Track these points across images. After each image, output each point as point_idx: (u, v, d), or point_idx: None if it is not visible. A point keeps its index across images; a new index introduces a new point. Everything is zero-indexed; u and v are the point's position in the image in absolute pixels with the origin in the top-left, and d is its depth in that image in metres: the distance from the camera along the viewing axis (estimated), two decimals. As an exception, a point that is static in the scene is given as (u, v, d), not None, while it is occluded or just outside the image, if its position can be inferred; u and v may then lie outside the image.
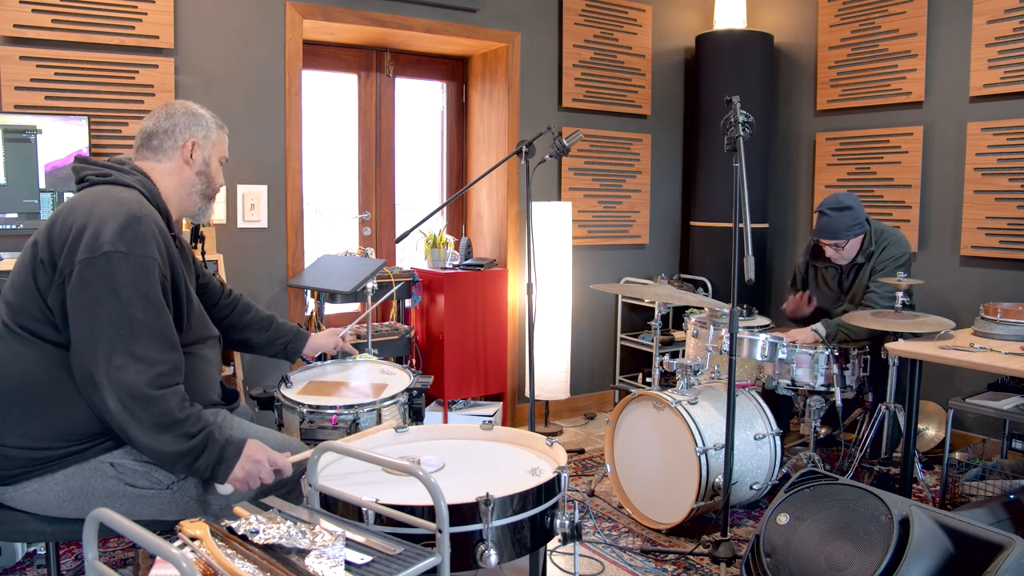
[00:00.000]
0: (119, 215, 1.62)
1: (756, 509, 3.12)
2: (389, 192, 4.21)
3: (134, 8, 3.09)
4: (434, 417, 3.88)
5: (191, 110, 1.89)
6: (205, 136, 1.89)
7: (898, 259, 3.20)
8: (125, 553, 2.66)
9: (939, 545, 2.00)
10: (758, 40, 4.47)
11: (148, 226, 1.65)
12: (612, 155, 4.50)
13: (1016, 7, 3.54)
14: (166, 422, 1.58)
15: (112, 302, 1.57)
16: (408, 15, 3.75)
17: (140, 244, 1.62)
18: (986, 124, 3.67)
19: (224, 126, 1.97)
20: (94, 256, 1.58)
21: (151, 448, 1.59)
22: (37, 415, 1.64)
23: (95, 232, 1.59)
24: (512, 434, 1.95)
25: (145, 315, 1.60)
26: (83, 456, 1.67)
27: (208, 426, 1.64)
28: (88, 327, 1.57)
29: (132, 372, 1.56)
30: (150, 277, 1.62)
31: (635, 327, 4.69)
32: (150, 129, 1.85)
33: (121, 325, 1.57)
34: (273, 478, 1.69)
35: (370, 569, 1.22)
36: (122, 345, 1.57)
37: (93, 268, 1.58)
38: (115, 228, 1.60)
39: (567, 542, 1.61)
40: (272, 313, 2.32)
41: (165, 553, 0.99)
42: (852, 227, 3.17)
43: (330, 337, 2.41)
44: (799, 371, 3.13)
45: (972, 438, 3.75)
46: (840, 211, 3.16)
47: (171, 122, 1.85)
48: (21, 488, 1.66)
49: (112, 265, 1.58)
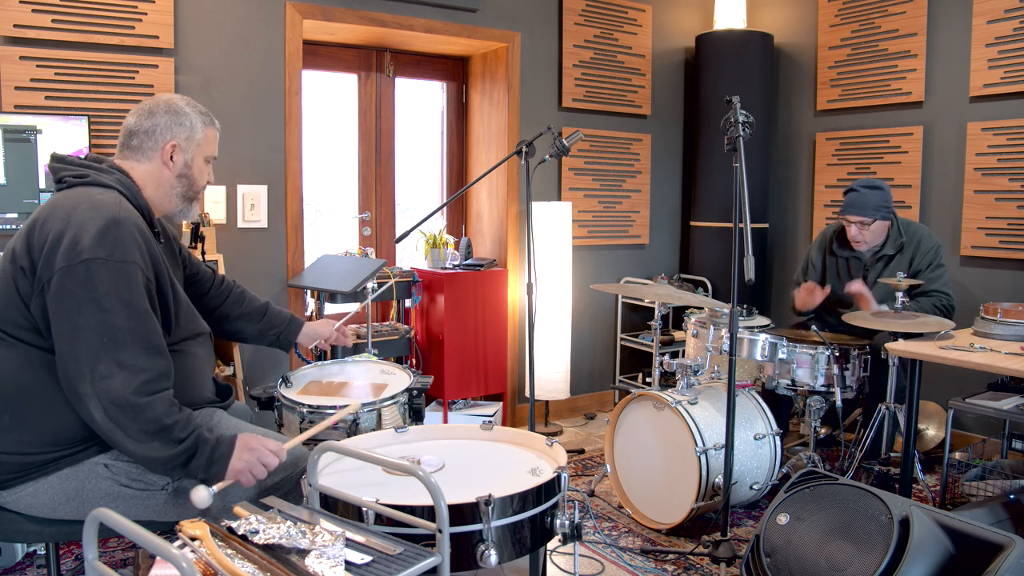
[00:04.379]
0: (97, 219, 1.58)
1: (756, 509, 3.12)
2: (389, 192, 4.21)
3: (134, 8, 3.09)
4: (434, 417, 3.88)
5: (174, 108, 1.81)
6: (188, 137, 1.82)
7: (938, 248, 3.23)
8: (125, 553, 2.66)
9: (939, 545, 2.00)
10: (758, 40, 4.47)
11: (128, 229, 1.61)
12: (612, 155, 4.50)
13: (1016, 7, 3.54)
14: (153, 429, 1.56)
15: (94, 311, 1.54)
16: (408, 15, 3.75)
17: (120, 249, 1.58)
18: (986, 124, 3.67)
19: (214, 123, 1.90)
20: (73, 264, 1.55)
21: (140, 455, 1.58)
22: (29, 420, 1.63)
23: (74, 238, 1.56)
24: (512, 434, 1.95)
25: (128, 322, 1.57)
26: (76, 459, 1.66)
27: (197, 428, 1.62)
28: (70, 337, 1.55)
29: (118, 381, 1.54)
30: (131, 283, 1.59)
31: (635, 327, 4.69)
32: (131, 127, 1.80)
33: (104, 334, 1.54)
34: (274, 461, 1.67)
35: (370, 569, 1.22)
36: (106, 354, 1.54)
37: (73, 276, 1.55)
38: (94, 234, 1.56)
39: (567, 542, 1.61)
40: (267, 302, 2.27)
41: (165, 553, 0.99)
42: (880, 207, 3.16)
43: (326, 326, 2.36)
44: (799, 371, 3.12)
45: (972, 438, 3.75)
46: (871, 189, 3.17)
47: (151, 122, 1.79)
48: (15, 492, 1.65)
49: (92, 272, 1.55)
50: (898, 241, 3.25)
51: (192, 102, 1.88)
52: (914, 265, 3.21)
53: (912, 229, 3.28)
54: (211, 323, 2.14)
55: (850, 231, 3.26)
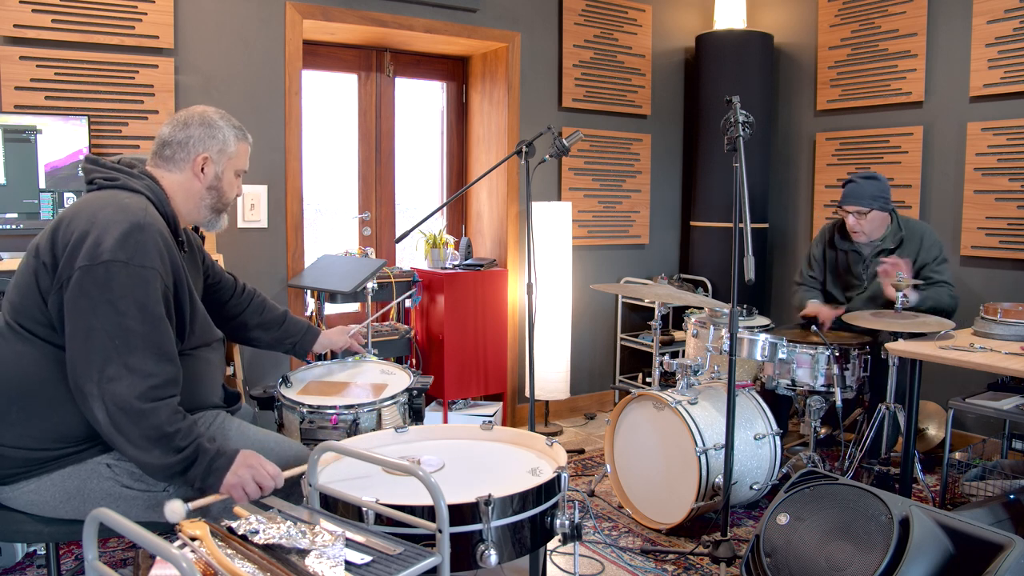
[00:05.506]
0: (122, 222, 1.60)
1: (756, 509, 3.12)
2: (389, 192, 4.21)
3: (134, 8, 3.09)
4: (434, 417, 3.88)
5: (209, 121, 1.84)
6: (220, 150, 1.85)
7: (941, 245, 3.26)
8: (125, 553, 2.66)
9: (939, 545, 2.00)
10: (758, 40, 4.47)
11: (151, 235, 1.63)
12: (612, 155, 4.50)
13: (1016, 7, 3.54)
14: (155, 436, 1.56)
15: (108, 312, 1.55)
16: (408, 15, 3.75)
17: (141, 254, 1.60)
18: (986, 124, 3.67)
19: (247, 137, 1.92)
20: (93, 264, 1.56)
21: (139, 461, 1.58)
22: (36, 415, 1.64)
23: (96, 239, 1.58)
24: (512, 434, 1.95)
25: (141, 326, 1.58)
26: (80, 457, 1.67)
27: (198, 438, 1.61)
28: (83, 336, 1.56)
29: (124, 384, 1.54)
30: (148, 288, 1.60)
31: (635, 327, 4.69)
32: (165, 138, 1.83)
33: (116, 336, 1.55)
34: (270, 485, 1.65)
35: (370, 569, 1.22)
36: (116, 356, 1.55)
37: (91, 276, 1.56)
38: (117, 236, 1.58)
39: (567, 542, 1.61)
40: (285, 310, 2.32)
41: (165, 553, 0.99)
42: (877, 197, 3.19)
43: (340, 335, 2.42)
44: (799, 371, 3.12)
45: (972, 438, 3.75)
46: (867, 179, 3.22)
47: (185, 133, 1.82)
48: (18, 488, 1.66)
49: (111, 274, 1.56)
50: (898, 235, 3.26)
51: (226, 116, 1.89)
52: (919, 259, 3.22)
53: (912, 225, 3.30)
54: (230, 330, 2.17)
55: (848, 221, 3.28)
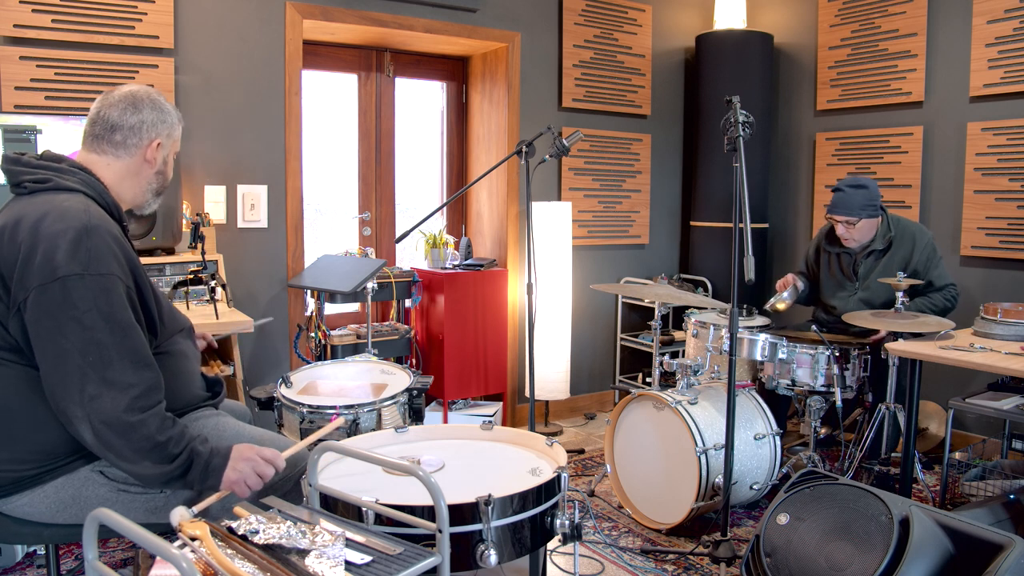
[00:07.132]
0: (67, 231, 1.50)
1: (756, 509, 3.12)
2: (389, 192, 4.21)
3: (134, 8, 3.09)
4: (434, 417, 3.88)
5: (158, 104, 1.76)
6: (168, 135, 1.77)
7: (932, 242, 3.24)
8: (125, 553, 2.66)
9: (939, 545, 2.00)
10: (758, 40, 4.47)
11: (101, 237, 1.53)
12: (612, 155, 4.50)
13: (1016, 7, 3.54)
14: (147, 447, 1.52)
15: (75, 330, 1.48)
16: (408, 15, 3.75)
17: (95, 261, 1.51)
18: (986, 124, 3.67)
19: (182, 119, 1.86)
20: (49, 282, 1.47)
21: (135, 473, 1.55)
22: (19, 437, 1.59)
23: (45, 254, 1.48)
24: (512, 434, 1.95)
25: (112, 337, 1.51)
26: (71, 467, 1.63)
27: (191, 442, 1.58)
28: (55, 359, 1.49)
29: (108, 400, 1.48)
30: (111, 296, 1.52)
31: (635, 327, 4.69)
32: (115, 121, 1.70)
33: (89, 352, 1.48)
34: (270, 471, 1.64)
35: (370, 569, 1.22)
36: (93, 373, 1.48)
37: (49, 295, 1.48)
38: (65, 248, 1.49)
39: (567, 542, 1.61)
40: None
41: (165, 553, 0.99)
42: (866, 206, 3.17)
43: None
44: (799, 371, 3.12)
45: (972, 438, 3.75)
46: (855, 188, 3.19)
47: (138, 117, 1.72)
48: (11, 501, 1.63)
49: (68, 290, 1.48)
50: (887, 236, 3.26)
51: (161, 95, 1.82)
52: (913, 263, 3.20)
53: (902, 225, 3.28)
54: None
55: (838, 229, 3.29)
